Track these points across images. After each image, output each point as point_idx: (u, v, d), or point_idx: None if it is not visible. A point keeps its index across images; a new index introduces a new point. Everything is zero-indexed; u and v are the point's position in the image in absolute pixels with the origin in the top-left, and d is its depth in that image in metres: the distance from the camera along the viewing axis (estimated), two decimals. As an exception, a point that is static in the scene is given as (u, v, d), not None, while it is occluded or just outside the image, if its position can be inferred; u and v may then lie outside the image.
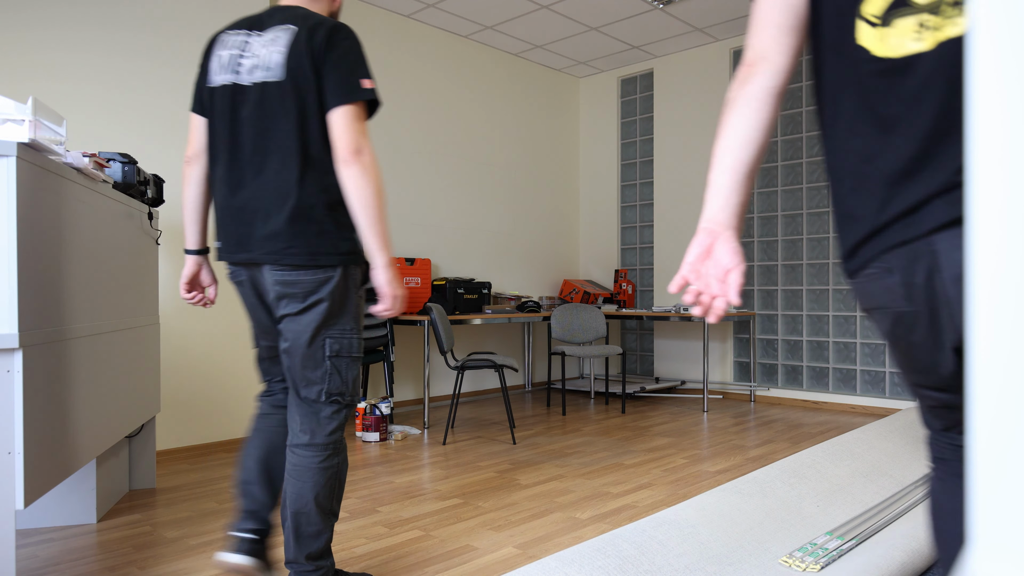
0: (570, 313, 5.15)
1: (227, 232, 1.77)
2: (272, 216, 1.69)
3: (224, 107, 1.75)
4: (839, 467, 2.64)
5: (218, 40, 1.81)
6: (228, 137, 1.75)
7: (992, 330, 0.41)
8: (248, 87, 1.72)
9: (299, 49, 1.68)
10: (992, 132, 0.41)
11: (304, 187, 1.69)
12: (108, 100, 3.32)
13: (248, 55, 1.74)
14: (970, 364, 0.42)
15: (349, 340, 1.81)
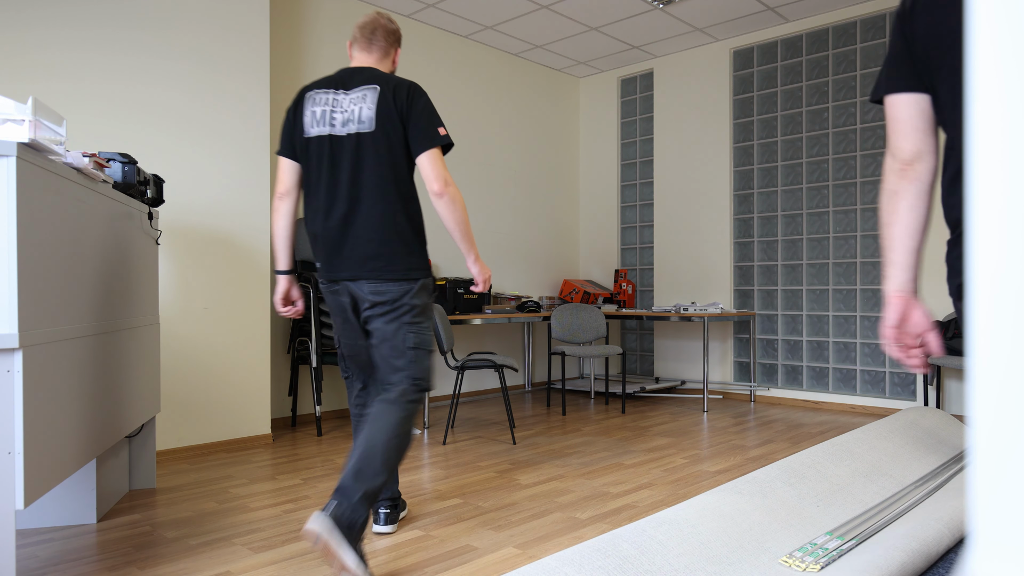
0: (570, 313, 5.15)
1: (328, 255, 2.22)
2: (371, 241, 2.13)
3: (322, 154, 2.16)
4: (839, 467, 2.64)
5: (307, 97, 2.20)
6: (328, 178, 2.15)
7: (992, 330, 0.41)
8: (343, 137, 2.14)
9: (386, 106, 2.12)
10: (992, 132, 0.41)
11: (395, 217, 2.15)
12: (108, 99, 3.32)
13: (339, 111, 2.15)
14: (970, 364, 0.42)
15: (426, 335, 2.21)
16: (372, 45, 2.28)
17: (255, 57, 3.83)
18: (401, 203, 2.16)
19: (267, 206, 3.87)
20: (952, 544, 2.02)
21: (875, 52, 4.89)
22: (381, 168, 2.13)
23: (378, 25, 2.29)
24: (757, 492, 2.27)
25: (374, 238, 2.14)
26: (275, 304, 2.43)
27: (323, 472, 3.24)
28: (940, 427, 3.35)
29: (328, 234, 2.19)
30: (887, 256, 1.33)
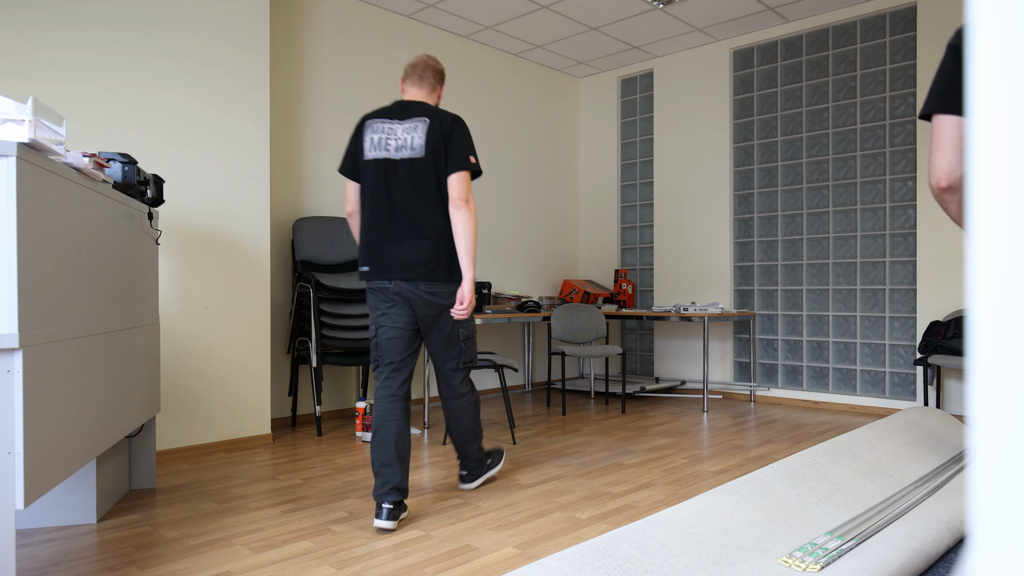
0: (570, 313, 5.15)
1: (381, 259, 2.55)
2: (423, 248, 2.52)
3: (378, 174, 2.55)
4: (839, 467, 2.64)
5: (367, 125, 2.60)
6: (384, 195, 2.54)
7: (992, 330, 0.41)
8: (398, 161, 2.53)
9: (434, 136, 2.53)
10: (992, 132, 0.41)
11: (443, 229, 2.55)
12: (108, 99, 3.32)
13: (393, 138, 2.54)
14: (971, 365, 0.42)
15: (472, 326, 2.76)
16: (423, 82, 2.70)
17: (255, 56, 3.83)
18: (446, 218, 2.57)
19: (267, 206, 3.87)
20: (952, 544, 2.02)
21: (875, 52, 4.90)
22: (429, 188, 2.53)
23: (427, 65, 2.71)
24: (757, 492, 2.27)
25: (425, 246, 2.53)
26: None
27: (323, 472, 3.24)
28: (940, 427, 3.35)
29: (383, 242, 2.55)
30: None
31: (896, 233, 4.82)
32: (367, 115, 2.63)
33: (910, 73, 4.73)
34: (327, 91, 4.65)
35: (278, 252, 4.38)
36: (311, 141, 4.57)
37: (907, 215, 4.77)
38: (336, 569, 2.10)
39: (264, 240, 3.86)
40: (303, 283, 4.16)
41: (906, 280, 4.77)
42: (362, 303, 4.25)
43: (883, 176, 4.87)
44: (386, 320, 2.59)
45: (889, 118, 4.84)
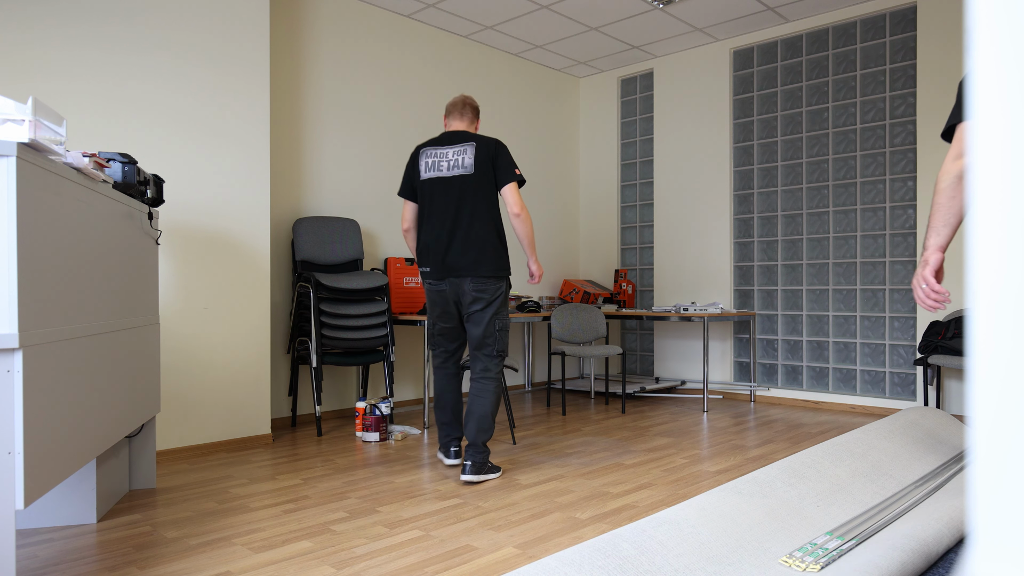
0: (570, 313, 5.15)
1: (438, 261, 3.10)
2: (474, 251, 3.06)
3: (435, 191, 3.12)
4: (839, 467, 2.64)
5: (421, 152, 3.19)
6: (440, 207, 3.10)
7: (992, 331, 0.41)
8: (451, 178, 3.09)
9: (482, 155, 3.09)
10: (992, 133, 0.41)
11: (491, 234, 3.10)
12: (107, 97, 3.32)
13: (445, 160, 3.12)
14: (971, 365, 0.42)
15: (506, 320, 3.20)
16: (463, 116, 3.25)
17: (255, 55, 3.83)
18: (493, 224, 3.11)
19: (267, 206, 3.87)
20: (952, 544, 2.02)
21: (875, 52, 4.90)
22: (480, 200, 3.08)
23: (467, 103, 3.27)
24: (757, 492, 2.27)
25: (474, 248, 3.07)
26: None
27: (323, 472, 3.24)
28: (940, 427, 3.35)
29: (440, 246, 3.10)
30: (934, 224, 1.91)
31: (896, 233, 4.82)
32: (421, 145, 3.23)
33: (910, 73, 4.73)
34: (327, 91, 4.65)
35: (278, 252, 4.38)
36: (311, 141, 4.57)
37: (907, 215, 4.77)
38: (336, 569, 2.10)
39: (264, 240, 3.86)
40: (303, 283, 4.16)
41: (906, 280, 4.77)
42: (362, 303, 4.25)
43: (883, 176, 4.87)
44: (443, 319, 3.21)
45: (889, 118, 4.84)
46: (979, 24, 0.42)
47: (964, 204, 1.85)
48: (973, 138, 0.42)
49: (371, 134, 4.90)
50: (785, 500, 2.28)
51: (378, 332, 4.27)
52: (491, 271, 3.09)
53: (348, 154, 4.77)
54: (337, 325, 4.13)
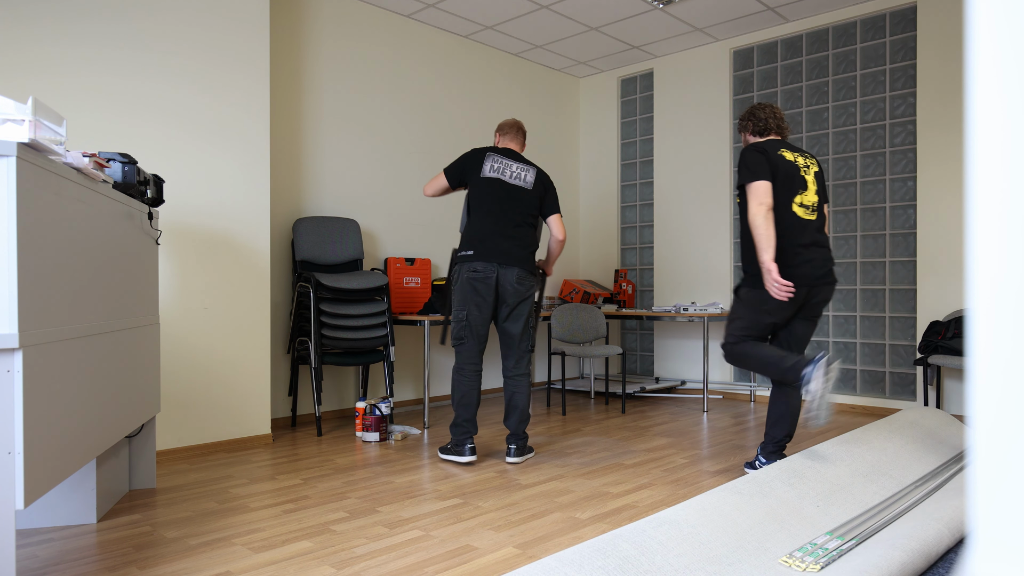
0: (570, 313, 5.15)
1: (492, 251, 3.35)
2: (524, 248, 3.42)
3: (494, 192, 3.44)
4: (839, 467, 2.64)
5: (488, 154, 3.51)
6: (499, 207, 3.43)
7: (992, 331, 0.41)
8: (511, 186, 3.46)
9: (540, 181, 3.54)
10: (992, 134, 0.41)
11: (532, 239, 3.49)
12: (106, 94, 3.32)
13: (509, 170, 3.49)
14: (971, 364, 0.42)
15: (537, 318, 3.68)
16: (516, 138, 3.66)
17: (255, 53, 3.83)
18: (533, 233, 3.52)
19: (267, 205, 3.87)
20: (952, 544, 2.02)
21: (875, 52, 4.90)
22: (530, 210, 3.50)
23: (520, 128, 3.68)
24: (757, 492, 2.27)
25: (521, 246, 3.41)
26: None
27: (323, 472, 3.24)
28: (940, 427, 3.35)
29: (495, 239, 3.37)
30: (764, 246, 2.89)
31: (896, 233, 4.82)
32: (486, 148, 3.55)
33: (910, 73, 4.73)
34: (327, 91, 4.65)
35: (278, 252, 4.38)
36: (311, 141, 4.57)
37: (907, 215, 4.77)
38: (336, 569, 2.10)
39: (264, 240, 3.86)
40: (303, 283, 4.16)
41: (906, 280, 4.77)
42: (362, 303, 4.25)
43: (883, 176, 4.87)
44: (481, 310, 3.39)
45: (889, 118, 4.84)
46: (979, 24, 0.42)
47: (774, 230, 2.93)
48: (973, 139, 0.42)
49: (371, 134, 4.90)
50: (785, 500, 2.28)
51: (378, 332, 4.27)
52: (531, 266, 3.44)
53: (348, 154, 4.77)
54: (337, 325, 4.13)
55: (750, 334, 3.03)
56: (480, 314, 3.36)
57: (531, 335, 3.47)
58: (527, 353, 3.46)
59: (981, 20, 0.42)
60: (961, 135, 4.50)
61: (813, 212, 3.02)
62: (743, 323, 3.04)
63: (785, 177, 2.99)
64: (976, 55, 0.42)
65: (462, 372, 3.39)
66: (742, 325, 3.04)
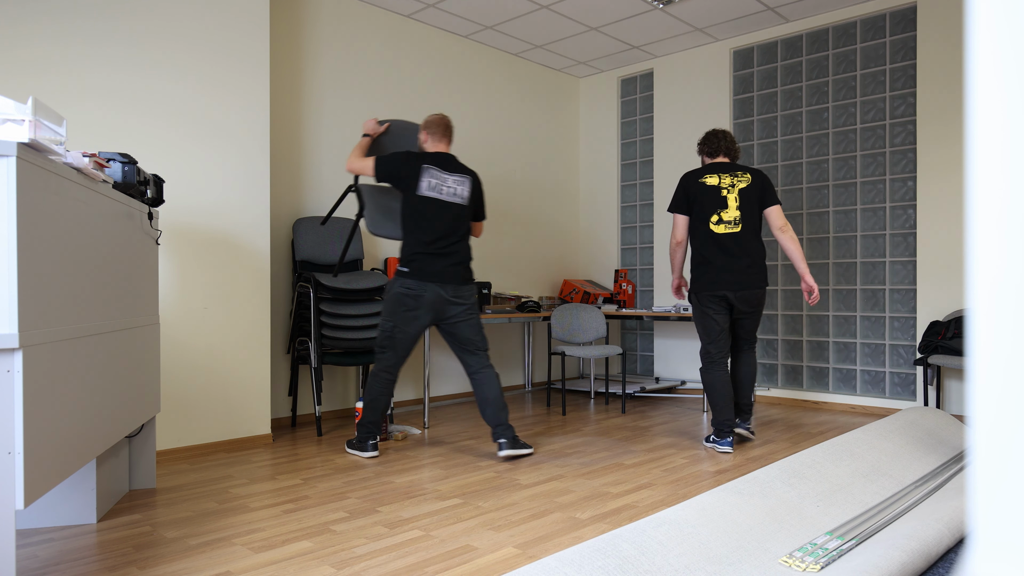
0: (570, 313, 5.15)
1: (427, 271, 3.42)
2: (460, 265, 3.51)
3: (428, 212, 3.47)
4: (839, 467, 2.64)
5: (424, 169, 3.49)
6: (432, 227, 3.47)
7: (992, 332, 0.41)
8: (446, 203, 3.51)
9: (475, 190, 3.64)
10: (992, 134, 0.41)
11: (469, 252, 3.58)
12: (105, 92, 3.32)
13: (444, 185, 3.52)
14: (971, 365, 0.42)
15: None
16: (445, 136, 3.62)
17: (255, 50, 3.83)
18: (469, 244, 3.61)
19: (267, 205, 3.87)
20: (952, 544, 2.02)
21: (875, 52, 4.90)
22: (465, 226, 3.57)
23: (449, 126, 3.64)
24: (757, 492, 2.27)
25: (462, 261, 3.53)
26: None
27: (323, 472, 3.25)
28: (940, 427, 3.35)
29: (436, 258, 3.45)
30: (672, 269, 3.86)
31: (896, 233, 4.82)
32: (423, 159, 3.51)
33: (910, 73, 4.73)
34: (327, 91, 4.65)
35: (278, 252, 4.38)
36: (311, 141, 4.57)
37: (907, 215, 4.77)
38: (336, 569, 2.10)
39: (264, 240, 3.86)
40: (303, 283, 4.16)
41: (906, 280, 4.77)
42: (362, 303, 4.25)
43: (883, 176, 4.87)
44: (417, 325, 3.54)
45: (889, 118, 4.84)
46: (979, 24, 0.42)
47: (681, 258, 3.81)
48: (973, 139, 0.42)
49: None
50: (785, 500, 2.28)
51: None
52: (468, 277, 3.56)
53: (348, 154, 4.77)
54: (337, 325, 4.13)
55: (710, 337, 3.68)
56: (406, 330, 3.43)
57: (484, 335, 3.58)
58: (485, 350, 3.55)
59: (981, 20, 0.42)
60: (961, 135, 4.50)
61: (735, 224, 3.61)
62: (701, 328, 3.73)
63: (704, 202, 3.65)
64: (976, 55, 0.42)
65: (377, 378, 3.49)
66: (701, 331, 3.73)
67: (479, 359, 3.54)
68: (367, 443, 3.53)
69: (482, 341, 3.56)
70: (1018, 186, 0.40)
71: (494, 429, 3.47)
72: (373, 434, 3.54)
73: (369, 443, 3.52)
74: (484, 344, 3.56)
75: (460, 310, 3.49)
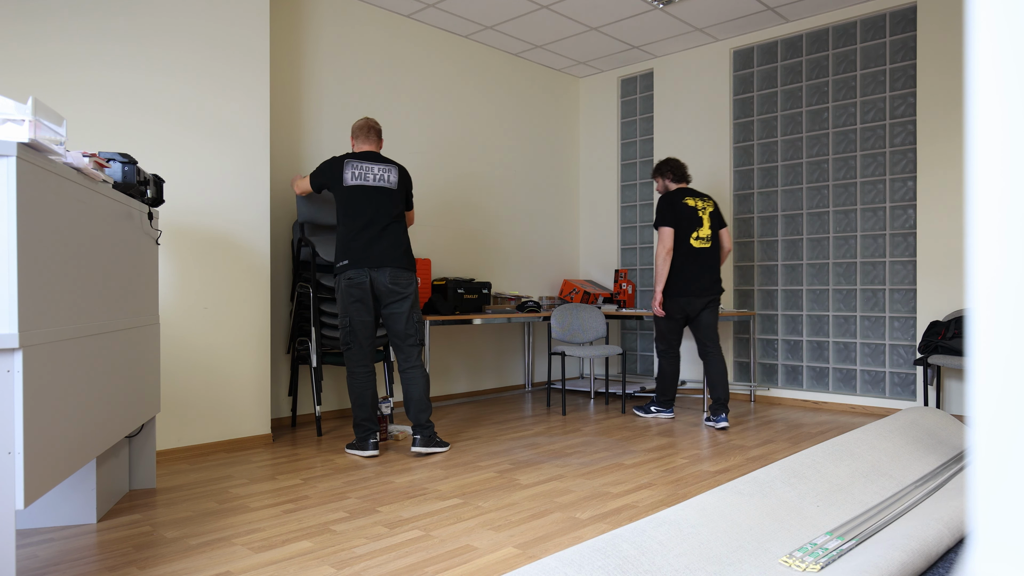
0: (570, 313, 5.15)
1: (363, 256, 3.49)
2: (395, 248, 3.56)
3: (357, 198, 3.56)
4: (839, 467, 2.64)
5: (346, 162, 3.61)
6: (362, 213, 3.55)
7: (992, 330, 0.41)
8: (374, 188, 3.59)
9: (403, 178, 3.71)
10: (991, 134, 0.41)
11: (404, 237, 3.64)
12: (105, 90, 3.32)
13: (371, 173, 3.61)
14: (972, 366, 0.42)
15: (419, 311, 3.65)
16: (370, 137, 3.74)
17: (255, 49, 3.83)
18: (404, 229, 3.68)
19: (267, 205, 3.87)
20: (952, 544, 2.02)
21: (875, 52, 4.90)
22: (396, 210, 3.63)
23: (372, 126, 3.75)
24: (757, 492, 2.27)
25: (394, 246, 3.56)
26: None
27: (323, 472, 3.24)
28: (940, 427, 3.35)
29: (367, 245, 3.51)
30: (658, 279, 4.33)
31: (896, 233, 4.82)
32: (345, 156, 3.63)
33: (910, 73, 4.73)
34: (327, 92, 4.65)
35: (278, 252, 4.38)
36: (311, 142, 4.57)
37: (907, 215, 4.77)
38: (336, 569, 2.10)
39: (264, 240, 3.86)
40: (303, 283, 4.16)
41: (906, 280, 4.77)
42: (362, 303, 4.24)
43: (883, 176, 4.87)
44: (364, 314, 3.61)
45: (889, 118, 4.84)
46: (979, 24, 0.42)
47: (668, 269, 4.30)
48: (973, 139, 0.42)
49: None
50: (785, 500, 2.28)
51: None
52: (407, 265, 3.59)
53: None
54: (337, 325, 4.13)
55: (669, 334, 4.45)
56: (361, 319, 3.51)
57: (418, 329, 3.59)
58: (416, 347, 3.59)
59: (981, 20, 0.42)
60: (961, 135, 4.51)
61: (707, 241, 4.34)
62: (664, 325, 4.44)
63: (686, 220, 4.31)
64: (976, 55, 0.42)
65: (354, 376, 3.55)
66: (664, 327, 4.45)
67: (407, 356, 3.58)
68: (367, 442, 3.53)
69: (413, 336, 3.57)
70: (1018, 186, 0.40)
71: (413, 426, 3.58)
72: (371, 431, 3.54)
73: (369, 442, 3.53)
74: (414, 340, 3.57)
75: (395, 298, 3.52)
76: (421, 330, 3.63)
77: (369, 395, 3.55)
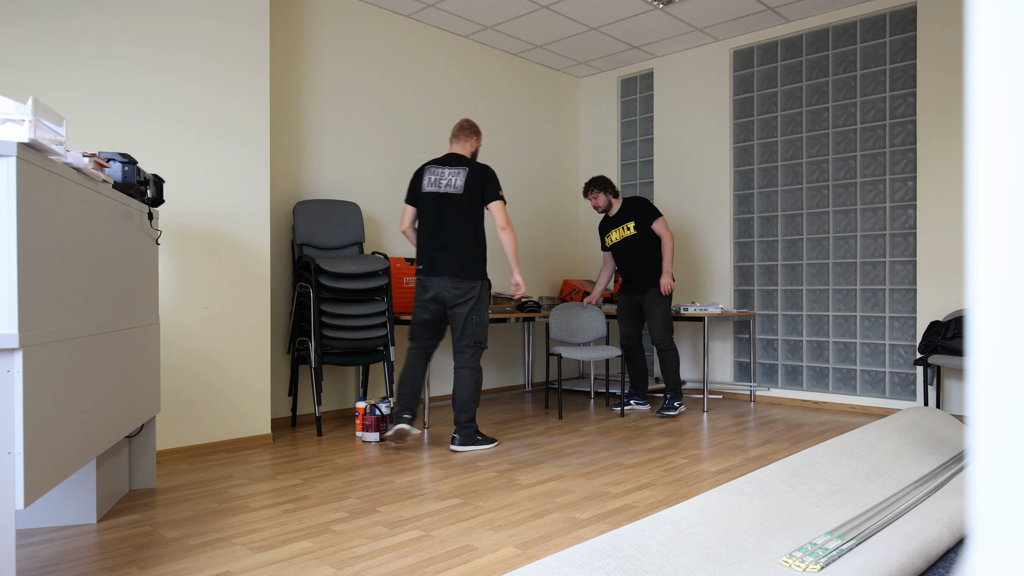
0: (570, 313, 5.14)
1: (428, 263, 3.69)
2: (460, 255, 3.65)
3: (430, 206, 3.71)
4: (839, 467, 2.64)
5: (425, 170, 3.78)
6: (432, 220, 3.71)
7: (992, 330, 0.41)
8: (444, 195, 3.69)
9: (472, 179, 3.70)
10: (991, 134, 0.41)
11: (474, 242, 3.71)
12: (104, 89, 3.32)
13: (442, 179, 3.72)
14: (972, 366, 0.42)
15: (484, 315, 3.75)
16: (458, 136, 3.84)
17: (255, 48, 3.83)
18: (477, 234, 3.75)
19: (267, 205, 3.87)
20: (952, 544, 2.02)
21: (875, 52, 4.90)
22: (465, 215, 3.70)
23: (461, 125, 3.85)
24: (757, 492, 2.27)
25: (459, 253, 3.67)
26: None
27: (323, 472, 3.24)
28: (940, 427, 3.35)
29: (433, 251, 3.68)
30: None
31: (896, 233, 4.82)
32: (427, 163, 3.81)
33: (910, 73, 4.73)
34: (326, 92, 4.65)
35: (278, 252, 4.38)
36: (311, 142, 4.57)
37: (907, 215, 4.77)
38: (336, 569, 2.10)
39: (264, 240, 3.86)
40: (303, 283, 4.16)
41: (906, 280, 4.77)
42: (362, 303, 4.25)
43: (883, 176, 4.87)
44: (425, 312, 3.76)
45: (889, 118, 4.84)
46: (979, 24, 0.42)
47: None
48: (973, 139, 0.42)
49: (371, 136, 4.90)
50: (785, 500, 2.28)
51: (378, 332, 4.27)
52: (471, 273, 3.68)
53: (348, 156, 4.77)
54: (337, 325, 4.13)
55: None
56: (419, 317, 3.74)
57: (473, 332, 3.69)
58: (468, 348, 3.70)
59: (981, 20, 0.42)
60: (961, 135, 4.50)
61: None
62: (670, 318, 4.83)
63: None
64: (976, 55, 0.42)
65: (405, 361, 3.82)
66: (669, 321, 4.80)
67: (458, 356, 3.75)
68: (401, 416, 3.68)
69: (466, 339, 3.68)
70: (1018, 186, 0.40)
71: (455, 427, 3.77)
72: (403, 407, 3.69)
73: (403, 416, 3.68)
74: (467, 342, 3.69)
75: (456, 303, 3.67)
76: (478, 333, 3.71)
77: (408, 377, 3.72)
